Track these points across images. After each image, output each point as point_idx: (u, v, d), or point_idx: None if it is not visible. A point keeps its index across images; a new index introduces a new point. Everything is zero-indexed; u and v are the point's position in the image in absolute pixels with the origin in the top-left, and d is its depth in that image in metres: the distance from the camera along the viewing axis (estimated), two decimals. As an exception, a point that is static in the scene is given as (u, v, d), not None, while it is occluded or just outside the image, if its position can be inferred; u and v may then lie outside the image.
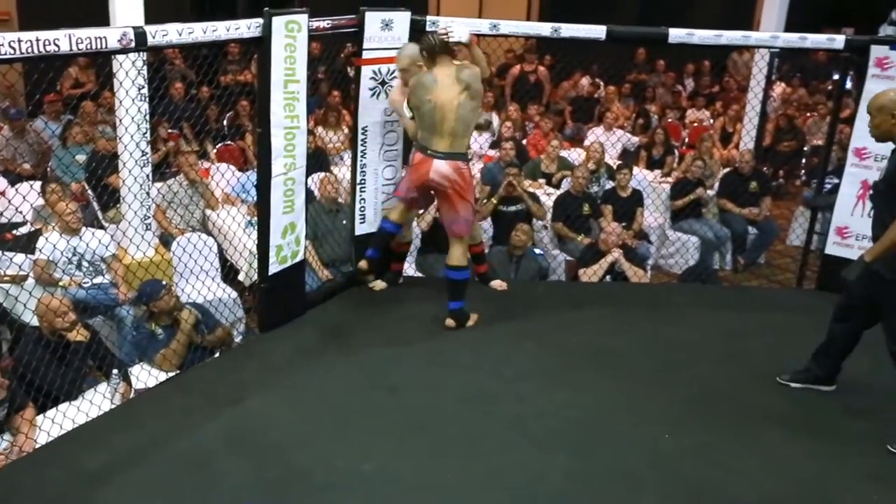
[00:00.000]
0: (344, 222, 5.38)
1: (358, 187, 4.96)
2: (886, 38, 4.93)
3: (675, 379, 4.08)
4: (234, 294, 5.48)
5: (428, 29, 4.67)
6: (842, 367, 3.90)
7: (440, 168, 4.32)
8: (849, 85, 6.37)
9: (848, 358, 3.89)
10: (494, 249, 5.97)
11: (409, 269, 5.59)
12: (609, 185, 7.00)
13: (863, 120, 4.91)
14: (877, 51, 4.85)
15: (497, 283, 5.09)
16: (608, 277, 5.76)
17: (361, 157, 4.90)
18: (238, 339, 4.85)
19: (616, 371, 4.14)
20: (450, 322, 4.50)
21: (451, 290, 4.51)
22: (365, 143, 4.87)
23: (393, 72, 4.73)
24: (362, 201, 5.00)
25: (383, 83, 4.79)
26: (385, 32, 4.68)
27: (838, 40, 5.03)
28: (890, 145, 3.51)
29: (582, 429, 3.62)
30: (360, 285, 4.94)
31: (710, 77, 11.44)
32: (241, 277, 5.61)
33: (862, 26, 8.24)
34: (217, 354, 4.41)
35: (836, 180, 5.29)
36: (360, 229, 5.03)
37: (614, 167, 7.14)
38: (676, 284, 6.09)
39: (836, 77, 8.81)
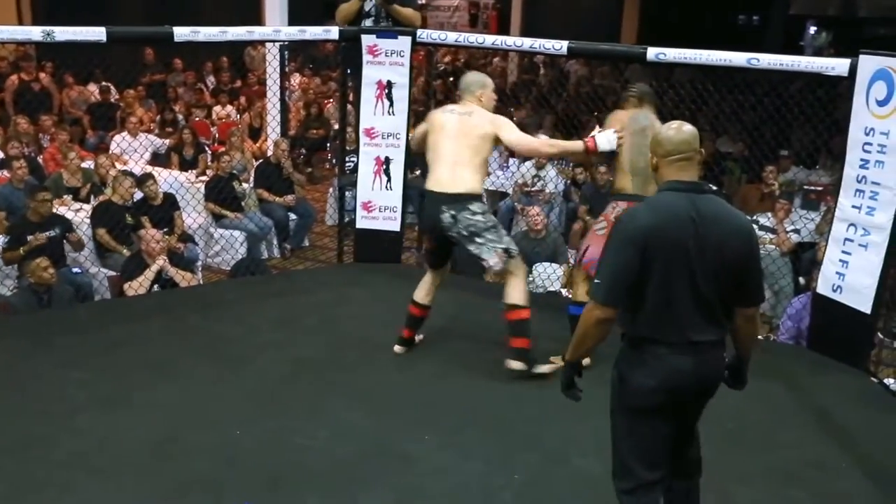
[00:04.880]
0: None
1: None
2: (373, 28, 5.44)
3: (237, 375, 4.11)
4: None
5: None
6: None
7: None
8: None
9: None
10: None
11: None
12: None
13: (367, 103, 5.45)
14: (367, 39, 5.33)
15: None
16: (157, 287, 5.55)
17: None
18: None
19: (179, 381, 4.03)
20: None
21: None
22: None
23: None
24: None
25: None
26: None
27: (333, 31, 5.43)
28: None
29: (148, 448, 3.46)
30: None
31: (231, 73, 11.60)
32: None
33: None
34: None
35: (355, 159, 5.73)
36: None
37: (139, 175, 6.82)
38: (227, 281, 6.11)
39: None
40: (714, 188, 2.61)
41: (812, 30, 18.83)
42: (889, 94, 4.07)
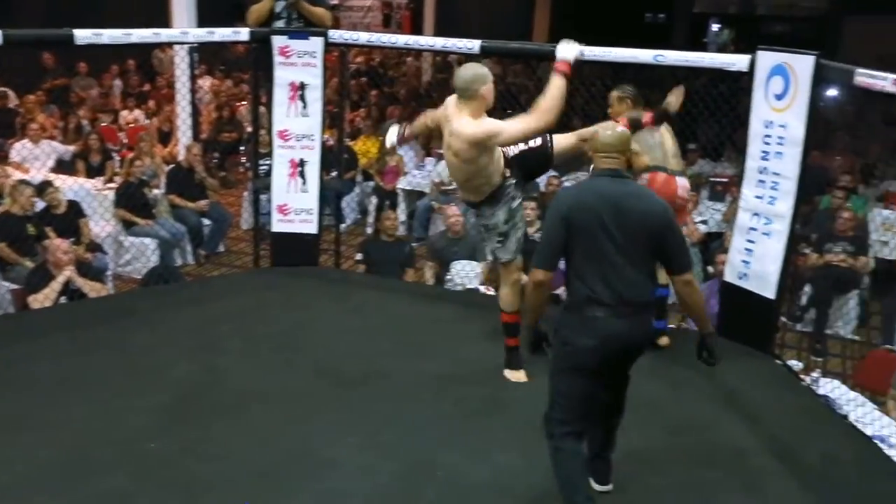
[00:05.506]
0: None
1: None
2: (284, 29, 5.37)
3: (151, 386, 3.98)
4: None
5: None
6: None
7: (685, 184, 4.38)
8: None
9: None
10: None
11: None
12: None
13: (280, 105, 5.37)
14: (278, 41, 5.26)
15: None
16: (64, 298, 5.36)
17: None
18: None
19: (89, 395, 3.89)
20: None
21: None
22: None
23: None
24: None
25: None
26: None
27: (243, 33, 5.34)
28: None
29: (56, 468, 3.33)
30: None
31: (139, 76, 11.30)
32: None
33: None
34: None
35: (269, 162, 5.65)
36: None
37: (38, 183, 6.57)
38: (140, 290, 5.94)
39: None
40: (628, 176, 3.08)
41: (715, 27, 19.48)
42: (786, 89, 4.24)
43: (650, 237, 2.92)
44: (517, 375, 4.07)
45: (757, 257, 4.51)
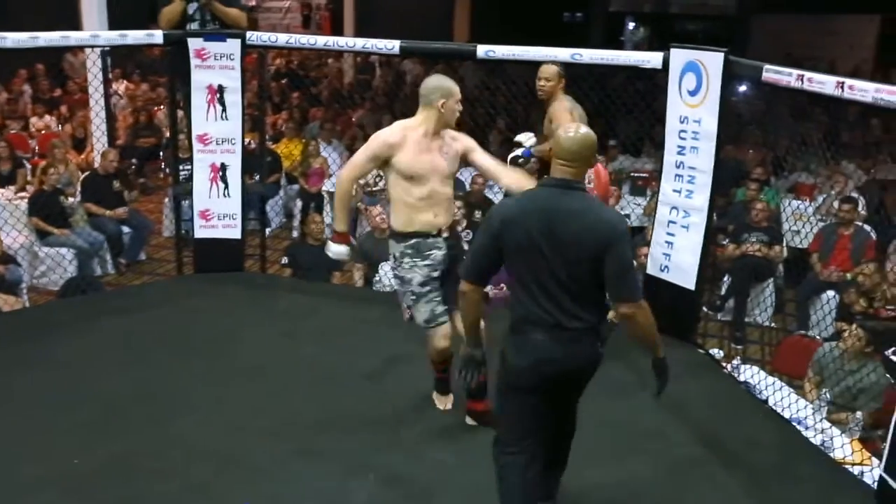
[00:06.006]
0: None
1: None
2: (200, 32, 5.26)
3: (74, 400, 3.86)
4: None
5: None
6: None
7: None
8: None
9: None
10: None
11: None
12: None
13: (198, 108, 5.27)
14: (194, 43, 5.15)
15: None
16: (-24, 313, 5.15)
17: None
18: None
19: (8, 412, 3.76)
20: None
21: None
22: None
23: None
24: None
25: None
26: None
27: (157, 35, 5.20)
28: None
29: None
30: None
31: (50, 81, 10.92)
32: None
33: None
34: None
35: (189, 167, 5.53)
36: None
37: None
38: (57, 302, 5.74)
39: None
40: (584, 186, 2.77)
41: (630, 25, 19.95)
42: (698, 85, 4.37)
43: (589, 259, 2.63)
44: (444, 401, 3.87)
45: (677, 250, 4.64)
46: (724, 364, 4.60)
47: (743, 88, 6.52)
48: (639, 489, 3.40)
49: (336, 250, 3.74)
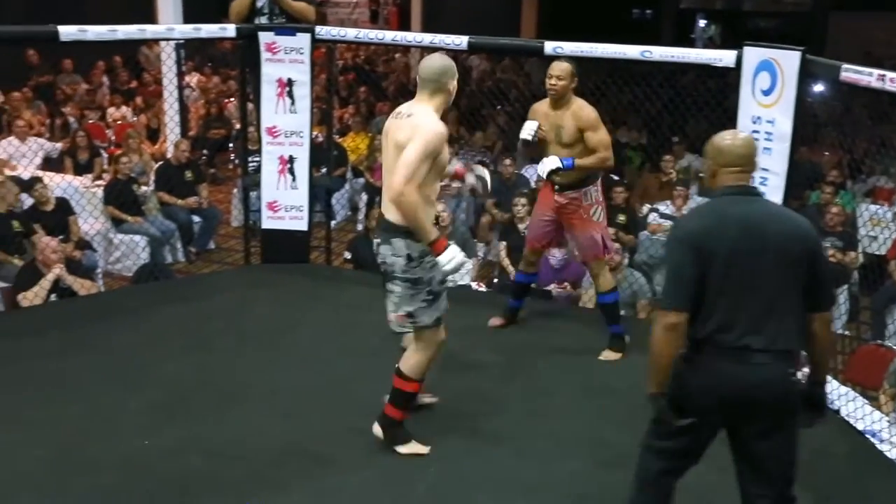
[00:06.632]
0: None
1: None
2: (271, 25, 5.35)
3: (142, 383, 3.97)
4: None
5: None
6: None
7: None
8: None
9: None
10: None
11: None
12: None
13: (268, 101, 5.36)
14: (265, 37, 5.24)
15: None
16: (54, 296, 5.33)
17: None
18: None
19: (79, 393, 3.88)
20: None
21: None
22: None
23: None
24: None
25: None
26: None
27: (230, 29, 5.32)
28: None
29: (47, 465, 3.32)
30: None
31: (127, 73, 11.23)
32: None
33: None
34: None
35: (258, 159, 5.63)
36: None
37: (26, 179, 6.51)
38: (130, 287, 5.91)
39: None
40: (761, 193, 2.65)
41: (702, 23, 19.56)
42: (773, 84, 4.26)
43: (793, 264, 2.46)
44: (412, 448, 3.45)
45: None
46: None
47: (819, 88, 6.33)
48: (706, 495, 3.33)
49: (448, 256, 3.14)
